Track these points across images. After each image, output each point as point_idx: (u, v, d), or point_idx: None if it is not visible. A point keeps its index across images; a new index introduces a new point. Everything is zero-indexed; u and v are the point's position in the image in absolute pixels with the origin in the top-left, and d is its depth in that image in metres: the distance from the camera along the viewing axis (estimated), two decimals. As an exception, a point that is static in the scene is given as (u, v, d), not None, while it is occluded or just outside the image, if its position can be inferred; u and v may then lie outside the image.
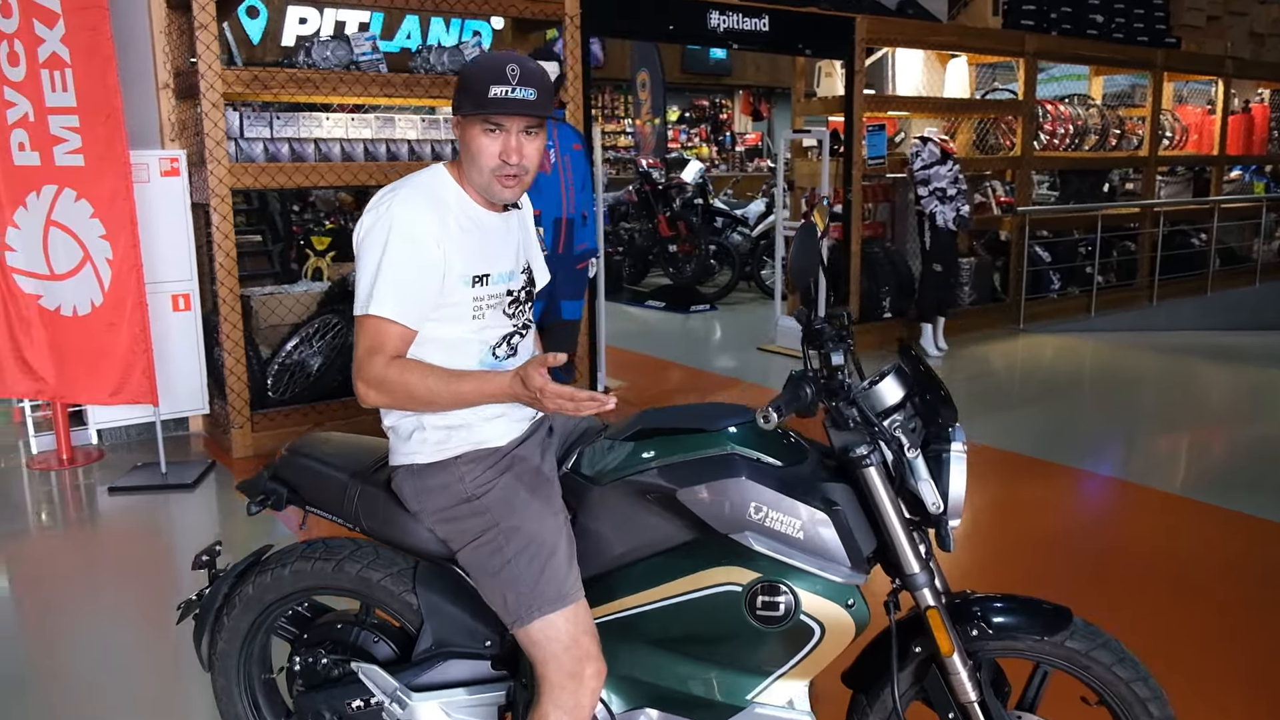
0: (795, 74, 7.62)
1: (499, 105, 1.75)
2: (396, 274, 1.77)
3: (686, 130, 18.99)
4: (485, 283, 1.88)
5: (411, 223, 1.78)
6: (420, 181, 1.87)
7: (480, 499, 1.87)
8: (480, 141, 1.80)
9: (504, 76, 1.75)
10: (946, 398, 1.82)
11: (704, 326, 9.07)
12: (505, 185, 1.84)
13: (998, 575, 3.63)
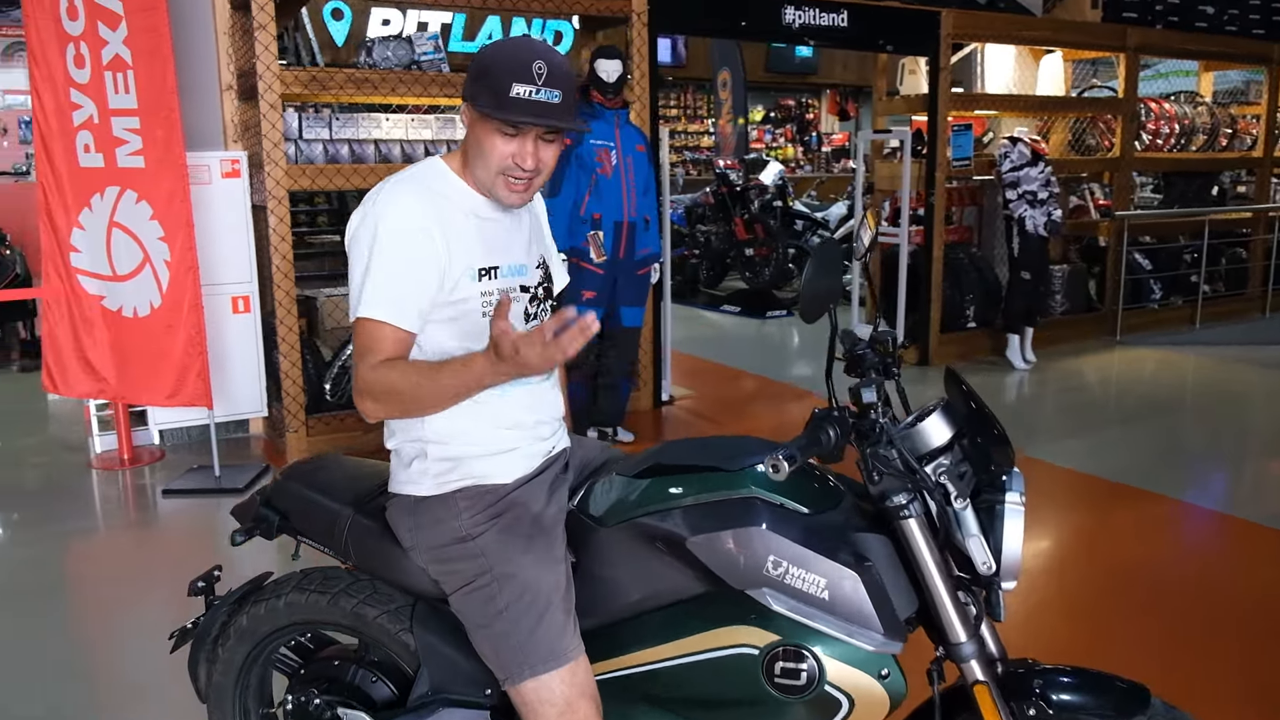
0: (877, 71, 7.30)
1: (521, 109, 1.59)
2: (387, 270, 1.62)
3: (771, 130, 18.68)
4: (494, 275, 1.73)
5: (401, 215, 1.64)
6: (411, 174, 1.73)
7: (475, 540, 1.69)
8: (493, 140, 1.64)
9: (529, 74, 1.58)
10: (1002, 438, 1.57)
11: (779, 333, 8.80)
12: (512, 189, 1.69)
13: (1071, 628, 3.25)
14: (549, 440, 1.83)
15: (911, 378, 6.77)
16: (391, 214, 1.63)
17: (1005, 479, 1.54)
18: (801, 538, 1.53)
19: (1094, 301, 8.24)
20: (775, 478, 1.37)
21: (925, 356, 7.00)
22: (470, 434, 1.73)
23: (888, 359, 1.75)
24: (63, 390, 4.69)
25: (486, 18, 13.11)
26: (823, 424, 1.46)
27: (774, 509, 1.57)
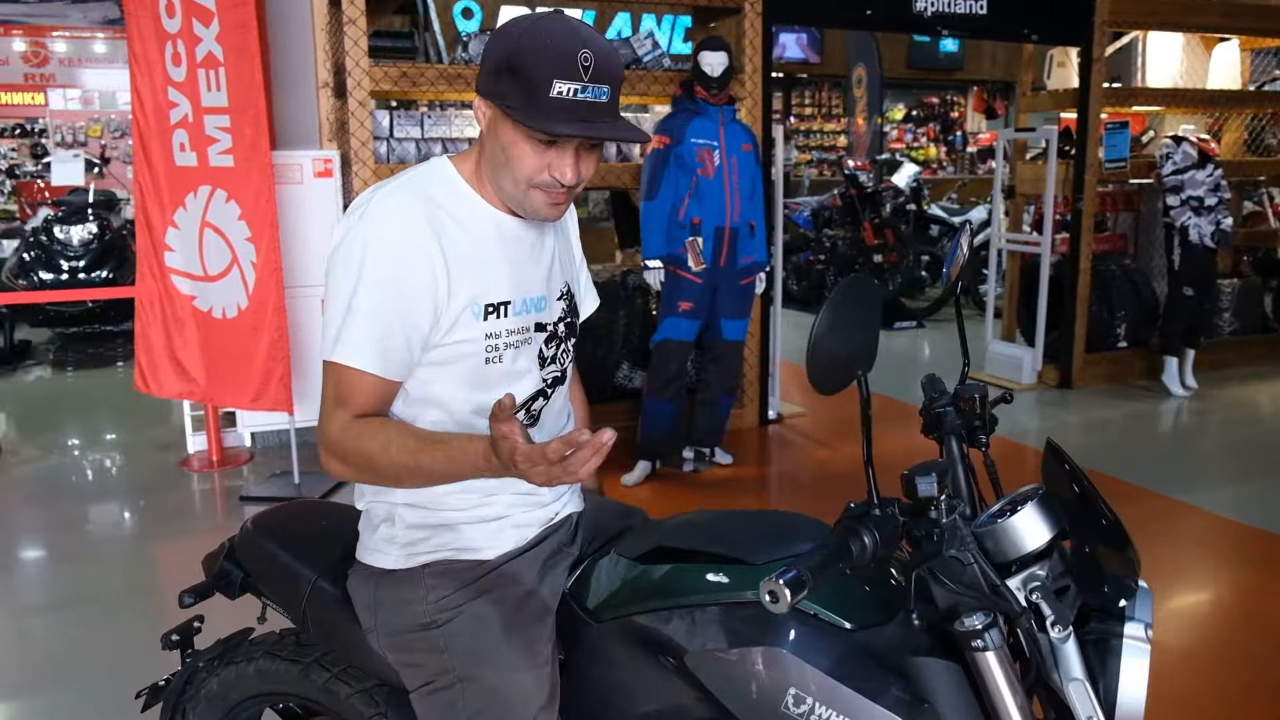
0: (1022, 64, 6.66)
1: (566, 114, 1.26)
2: (372, 305, 1.32)
3: (913, 130, 17.85)
4: (504, 313, 1.40)
5: (393, 235, 1.32)
6: (409, 181, 1.40)
7: (440, 628, 1.38)
8: (523, 148, 1.32)
9: (574, 67, 1.25)
10: (1121, 540, 1.16)
11: (906, 346, 8.23)
12: (549, 203, 1.37)
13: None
14: (551, 505, 1.51)
15: (1050, 401, 6.20)
16: (382, 232, 1.33)
17: (1126, 602, 1.12)
18: (837, 665, 1.15)
19: (1270, 321, 7.34)
20: (773, 609, 0.99)
21: (1067, 378, 6.34)
22: (451, 497, 1.42)
23: (975, 422, 1.35)
24: (154, 390, 4.66)
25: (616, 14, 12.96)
26: (854, 528, 1.07)
27: (805, 622, 1.19)
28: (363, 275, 1.32)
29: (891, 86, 17.08)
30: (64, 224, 7.55)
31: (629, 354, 5.22)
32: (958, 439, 1.34)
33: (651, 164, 4.41)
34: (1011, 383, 6.39)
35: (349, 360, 1.32)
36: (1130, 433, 5.64)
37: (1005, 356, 6.53)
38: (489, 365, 1.40)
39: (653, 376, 4.58)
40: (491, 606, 1.39)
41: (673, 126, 4.40)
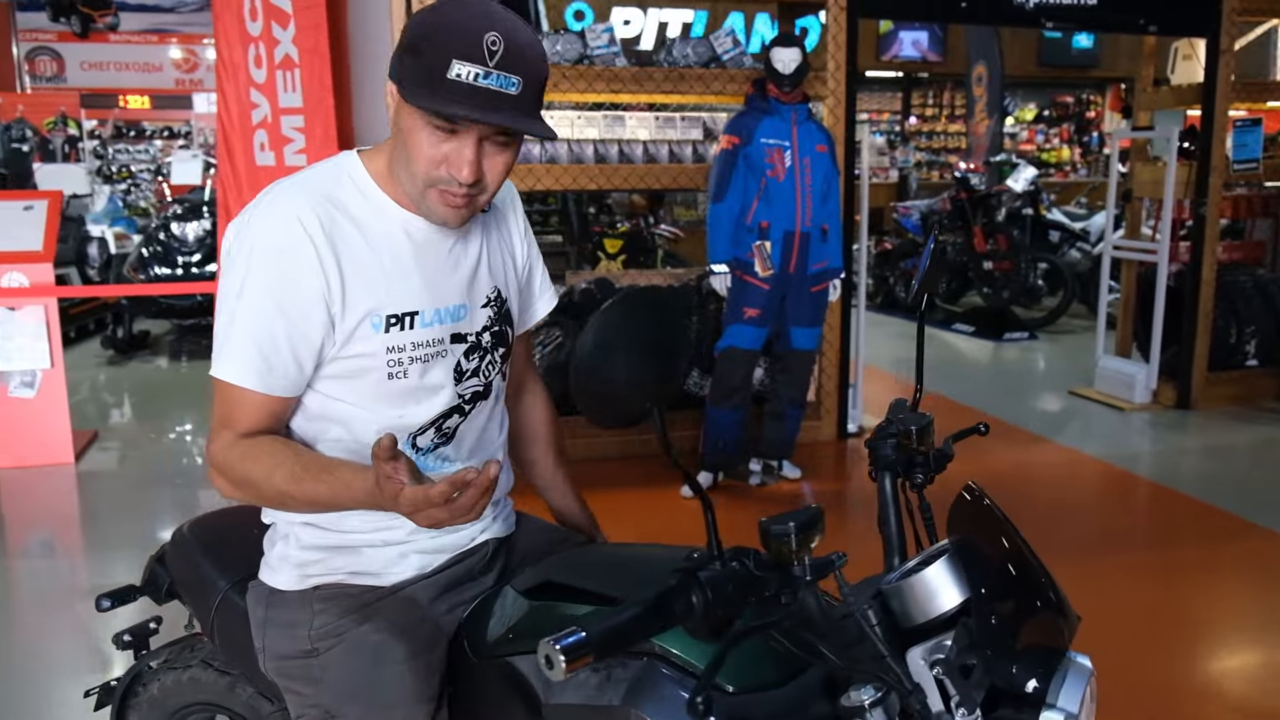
0: (1143, 58, 6.19)
1: (460, 97, 1.15)
2: (257, 316, 1.23)
3: (1044, 130, 17.04)
4: (410, 325, 1.29)
5: (280, 240, 1.23)
6: (309, 179, 1.30)
7: (319, 657, 1.29)
8: (420, 137, 1.21)
9: (478, 49, 1.14)
10: (1055, 608, 0.97)
11: (1014, 359, 7.79)
12: (445, 204, 1.26)
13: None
14: (466, 531, 1.40)
15: (1165, 424, 5.72)
16: (268, 236, 1.24)
17: (1047, 682, 0.94)
18: (705, 732, 1.00)
19: None
20: (549, 675, 0.85)
21: (1186, 398, 5.85)
22: (353, 519, 1.32)
23: (915, 459, 1.17)
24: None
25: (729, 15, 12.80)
26: (684, 584, 0.91)
27: (677, 681, 1.04)
28: (247, 283, 1.24)
29: (1021, 85, 16.33)
30: (181, 221, 7.91)
31: (699, 360, 5.07)
32: (892, 476, 1.17)
33: (719, 165, 4.26)
34: (1122, 401, 5.95)
35: (229, 376, 1.24)
36: (1256, 462, 5.15)
37: (1115, 373, 6.08)
38: (393, 380, 1.30)
39: (716, 385, 4.43)
40: (373, 637, 1.30)
41: (742, 126, 4.24)
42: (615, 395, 0.98)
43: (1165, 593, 3.59)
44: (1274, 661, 3.12)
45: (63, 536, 4.27)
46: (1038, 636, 0.98)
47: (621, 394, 0.98)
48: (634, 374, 0.97)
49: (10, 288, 4.80)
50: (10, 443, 4.88)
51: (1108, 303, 6.55)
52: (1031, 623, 0.98)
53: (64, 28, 16.18)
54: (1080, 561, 3.79)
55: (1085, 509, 4.53)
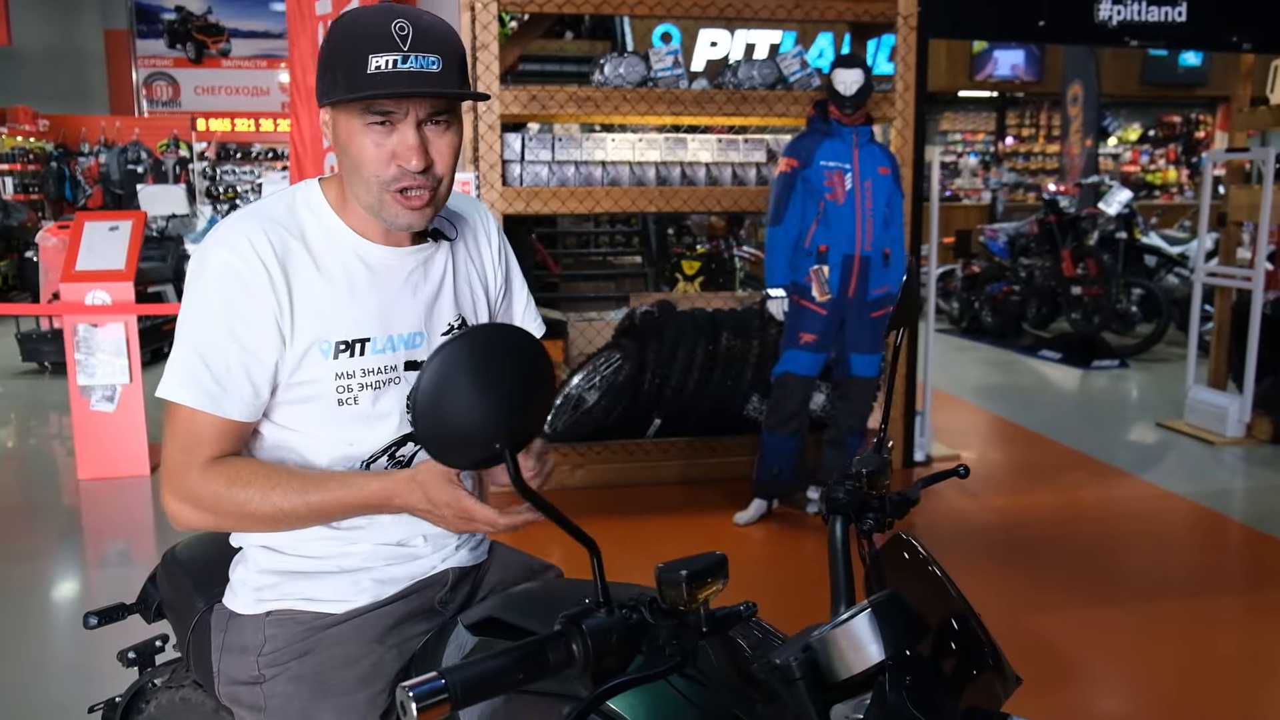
0: (1239, 76, 5.90)
1: (385, 83, 1.17)
2: (207, 339, 1.25)
3: (1149, 151, 16.40)
4: (360, 351, 1.29)
5: (235, 265, 1.24)
6: (265, 206, 1.31)
7: (263, 685, 1.28)
8: (361, 142, 1.22)
9: (389, 38, 1.17)
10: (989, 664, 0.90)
11: (1102, 388, 7.47)
12: (405, 204, 1.25)
13: None
14: (426, 559, 1.38)
15: (1258, 459, 5.40)
16: (223, 260, 1.25)
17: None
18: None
19: None
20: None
21: (1281, 434, 5.52)
22: (310, 544, 1.32)
23: (869, 502, 1.10)
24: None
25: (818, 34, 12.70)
26: (565, 632, 0.86)
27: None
28: (204, 307, 1.25)
29: (1125, 105, 15.79)
30: (268, 240, 8.18)
31: (760, 385, 4.99)
32: (843, 520, 1.10)
33: (778, 188, 4.20)
34: (1213, 435, 5.64)
35: (184, 398, 1.25)
36: (1355, 503, 4.82)
37: (1207, 404, 5.77)
38: (343, 407, 1.29)
39: (772, 411, 4.35)
40: (316, 667, 1.29)
41: (801, 149, 4.17)
42: (456, 437, 0.94)
43: (1251, 641, 3.37)
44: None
45: (137, 546, 4.42)
46: (974, 698, 0.91)
47: (463, 435, 0.94)
48: (478, 412, 0.93)
49: (94, 305, 5.02)
50: (91, 455, 5.09)
51: (1201, 331, 6.24)
52: (968, 684, 0.91)
53: (180, 54, 17.04)
54: (1160, 606, 3.59)
55: (1166, 549, 4.29)
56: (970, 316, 9.76)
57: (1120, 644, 3.28)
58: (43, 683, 3.06)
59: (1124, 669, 3.11)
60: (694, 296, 6.27)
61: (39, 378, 7.75)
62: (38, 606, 3.69)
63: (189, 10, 17.00)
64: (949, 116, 15.36)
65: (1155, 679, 3.07)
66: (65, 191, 14.51)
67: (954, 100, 15.10)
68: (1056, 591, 3.68)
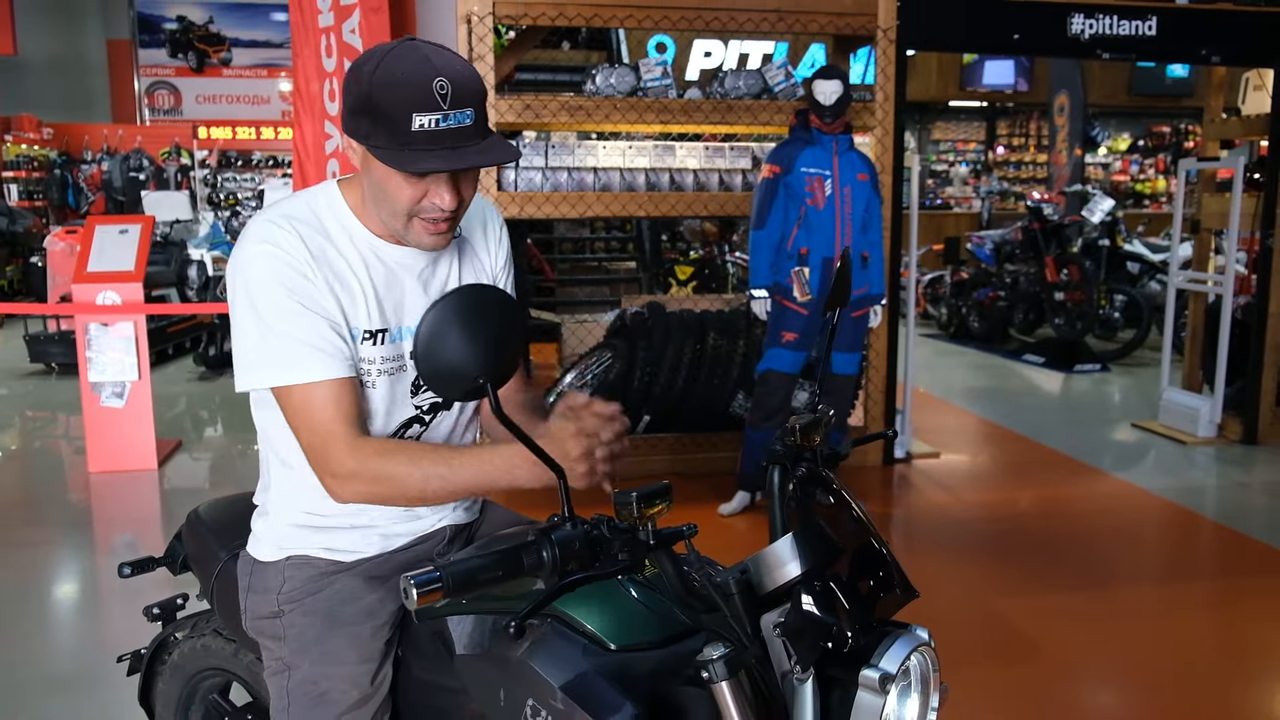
0: (1210, 88, 6.11)
1: (429, 143, 1.25)
2: (287, 321, 1.33)
3: (1139, 161, 16.64)
4: (380, 340, 1.43)
5: (283, 258, 1.35)
6: (292, 206, 1.42)
7: (283, 617, 1.47)
8: (396, 181, 1.32)
9: (430, 97, 1.24)
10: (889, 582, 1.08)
11: (1083, 391, 7.66)
12: (432, 232, 1.37)
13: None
14: (428, 519, 1.55)
15: (1229, 458, 5.59)
16: (269, 254, 1.34)
17: (880, 648, 1.05)
18: (576, 680, 1.13)
19: None
20: (406, 604, 1.00)
21: (1252, 434, 5.70)
22: (326, 504, 1.46)
23: (803, 454, 1.29)
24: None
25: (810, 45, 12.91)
26: (537, 541, 1.05)
27: (563, 636, 1.19)
28: (269, 294, 1.34)
29: (1114, 115, 16.04)
30: (271, 246, 8.36)
31: (745, 383, 5.18)
32: (781, 469, 1.28)
33: (761, 193, 4.39)
34: (1185, 435, 5.82)
35: (295, 378, 1.33)
36: (1321, 499, 5.01)
37: (1180, 406, 5.96)
38: (364, 388, 1.43)
39: (756, 407, 4.54)
40: (328, 602, 1.46)
41: (783, 155, 4.37)
42: (448, 370, 1.12)
43: (1219, 631, 3.54)
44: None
45: (144, 535, 4.59)
46: (883, 612, 1.09)
47: (454, 370, 1.12)
48: (464, 354, 1.11)
49: (105, 305, 5.21)
50: (101, 449, 5.27)
51: (1178, 335, 6.43)
52: (876, 600, 1.09)
53: (182, 63, 17.23)
54: (1129, 593, 3.77)
55: (1137, 542, 4.47)
56: (958, 322, 9.96)
57: (1088, 627, 3.45)
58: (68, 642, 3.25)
59: (1091, 649, 3.28)
60: (683, 298, 6.46)
61: (46, 378, 7.93)
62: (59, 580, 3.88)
63: (191, 20, 17.20)
64: (940, 126, 15.59)
65: (1120, 658, 3.24)
66: (68, 198, 14.70)
67: (945, 110, 15.33)
68: (1027, 579, 3.86)
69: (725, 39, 12.55)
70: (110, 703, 2.81)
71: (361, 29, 4.64)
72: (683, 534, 1.08)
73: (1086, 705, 2.96)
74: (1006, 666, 3.14)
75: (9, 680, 3.02)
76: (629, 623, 1.19)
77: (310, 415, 1.34)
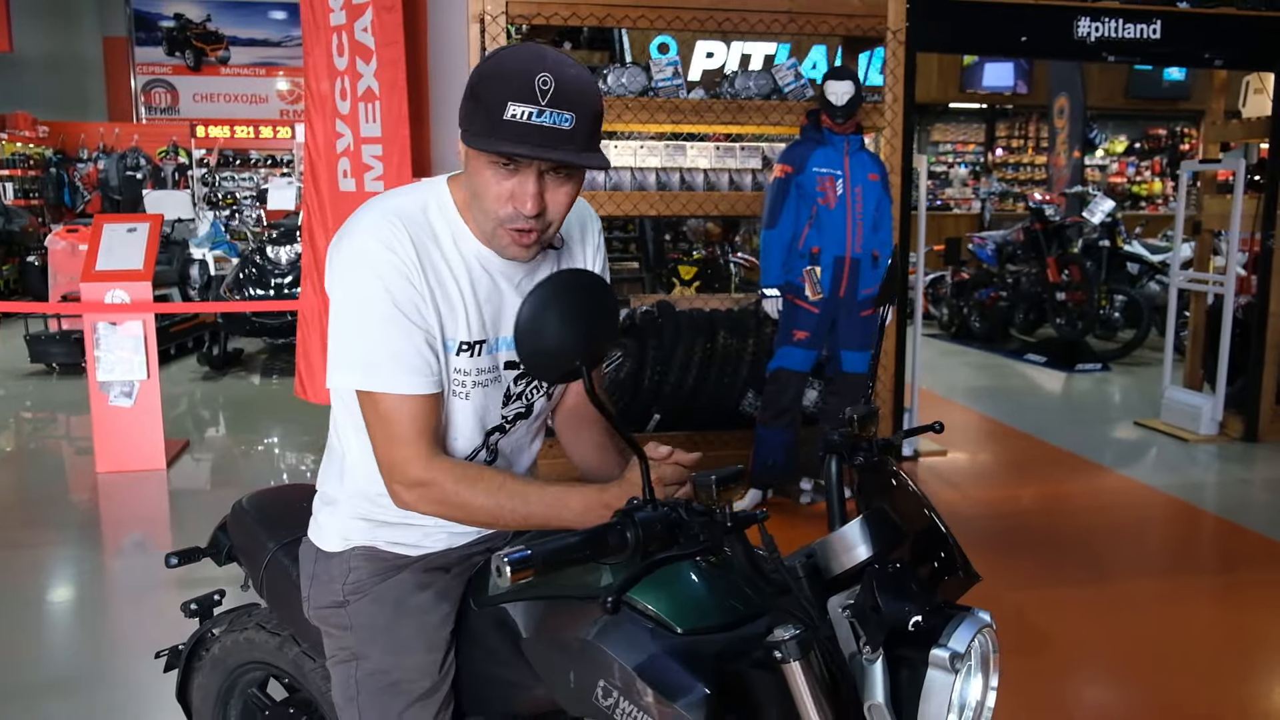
0: (1212, 91, 6.16)
1: (516, 136, 1.23)
2: (386, 329, 1.32)
3: (1135, 163, 16.72)
4: (478, 352, 1.41)
5: (390, 260, 1.32)
6: (401, 204, 1.37)
7: (349, 606, 1.49)
8: (485, 176, 1.29)
9: (530, 90, 1.22)
10: (951, 565, 1.11)
11: (1084, 390, 7.71)
12: (515, 241, 1.34)
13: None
14: None
15: (1230, 455, 5.64)
16: (376, 253, 1.32)
17: (947, 628, 1.08)
18: (647, 662, 1.16)
19: None
20: (498, 582, 1.02)
21: (1253, 431, 5.76)
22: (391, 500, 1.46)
23: (859, 444, 1.31)
24: (310, 396, 5.09)
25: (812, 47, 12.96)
26: (620, 523, 1.08)
27: (633, 620, 1.21)
28: (371, 295, 1.32)
29: (1111, 118, 16.12)
30: (275, 245, 8.37)
31: (756, 382, 5.21)
32: (838, 459, 1.31)
33: (772, 193, 4.42)
34: (1187, 433, 5.87)
35: (383, 386, 1.32)
36: (1322, 496, 5.06)
37: (1182, 404, 6.02)
38: (454, 399, 1.42)
39: (767, 405, 4.57)
40: (395, 592, 1.48)
41: (795, 155, 4.40)
42: (547, 353, 1.15)
43: (1222, 623, 3.59)
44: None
45: (154, 535, 4.59)
46: (945, 594, 1.12)
47: (553, 352, 1.15)
48: (563, 337, 1.14)
49: (113, 303, 5.21)
50: (109, 449, 5.26)
51: (1179, 335, 6.48)
52: (939, 582, 1.12)
53: (179, 61, 17.18)
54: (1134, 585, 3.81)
55: (1141, 537, 4.52)
56: (959, 322, 10.01)
57: (1097, 619, 3.50)
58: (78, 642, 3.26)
59: (1100, 640, 3.32)
60: (692, 297, 6.48)
61: (47, 378, 7.92)
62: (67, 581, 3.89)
63: (188, 18, 17.15)
64: (940, 127, 15.65)
65: (1128, 649, 3.29)
66: (64, 197, 14.66)
67: (945, 111, 15.40)
68: (1037, 572, 3.90)
69: (729, 40, 12.58)
70: (120, 702, 2.83)
71: (374, 27, 4.65)
72: (757, 518, 1.11)
73: (1096, 695, 3.00)
74: (1021, 658, 3.17)
75: (18, 680, 3.03)
76: (695, 607, 1.22)
77: (389, 425, 1.34)
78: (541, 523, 1.31)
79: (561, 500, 1.30)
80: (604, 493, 1.30)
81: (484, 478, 1.34)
